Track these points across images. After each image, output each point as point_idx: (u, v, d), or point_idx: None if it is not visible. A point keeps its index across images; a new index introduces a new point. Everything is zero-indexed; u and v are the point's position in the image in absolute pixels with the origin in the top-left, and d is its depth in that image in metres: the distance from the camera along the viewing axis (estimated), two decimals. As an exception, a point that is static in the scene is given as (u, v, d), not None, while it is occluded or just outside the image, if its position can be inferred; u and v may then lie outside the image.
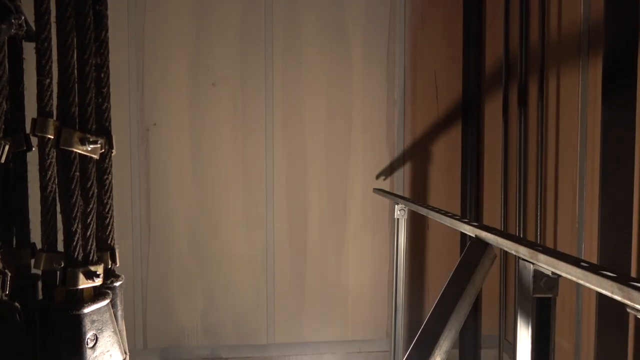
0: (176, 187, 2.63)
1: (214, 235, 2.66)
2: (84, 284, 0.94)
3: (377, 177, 2.75)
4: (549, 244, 2.13)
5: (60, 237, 1.00)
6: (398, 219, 2.21)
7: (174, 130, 2.61)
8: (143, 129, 2.58)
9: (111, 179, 1.13)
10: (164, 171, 2.61)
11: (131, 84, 2.56)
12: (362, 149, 2.74)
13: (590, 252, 1.85)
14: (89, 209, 0.98)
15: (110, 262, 1.11)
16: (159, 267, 2.62)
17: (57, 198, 1.02)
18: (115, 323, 1.00)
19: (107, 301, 0.98)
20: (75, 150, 0.95)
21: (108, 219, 1.12)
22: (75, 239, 0.96)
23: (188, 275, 2.65)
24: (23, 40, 1.15)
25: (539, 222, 2.16)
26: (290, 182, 2.71)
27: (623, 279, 0.66)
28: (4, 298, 1.02)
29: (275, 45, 2.66)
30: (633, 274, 1.61)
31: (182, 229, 2.64)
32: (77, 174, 0.96)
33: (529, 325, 0.89)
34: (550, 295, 0.87)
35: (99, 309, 0.95)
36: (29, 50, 1.10)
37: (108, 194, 1.12)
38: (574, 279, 0.76)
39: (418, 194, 2.78)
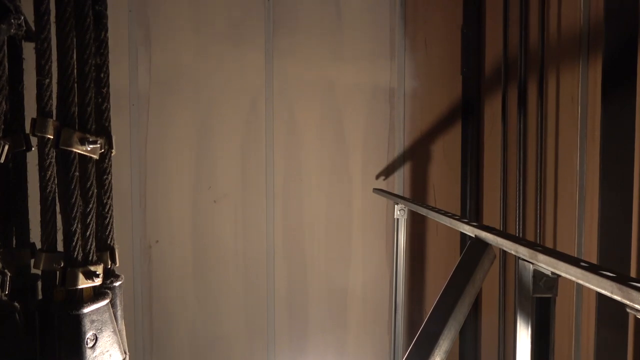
0: (179, 305, 2.63)
1: (216, 353, 2.68)
2: (83, 284, 0.94)
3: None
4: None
5: (60, 237, 1.00)
6: (398, 219, 2.21)
7: (176, 248, 2.61)
8: (145, 246, 2.59)
9: (111, 179, 1.12)
10: (167, 289, 2.62)
11: (134, 202, 2.57)
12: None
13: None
14: (88, 209, 0.98)
15: (109, 262, 1.11)
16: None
17: (57, 198, 1.01)
18: (114, 323, 1.00)
19: (106, 301, 0.97)
20: (74, 150, 0.95)
21: (107, 219, 1.12)
22: (75, 239, 0.95)
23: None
24: (23, 40, 1.15)
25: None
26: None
27: (623, 279, 0.66)
28: (4, 298, 1.02)
29: (276, 159, 2.68)
30: (633, 274, 1.61)
31: (185, 346, 2.64)
32: (77, 174, 0.96)
33: (528, 325, 0.89)
34: (549, 295, 0.87)
35: (99, 308, 0.95)
36: (29, 50, 1.10)
37: (107, 194, 1.11)
38: (573, 279, 0.76)
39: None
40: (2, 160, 0.95)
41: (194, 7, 2.57)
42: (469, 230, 1.25)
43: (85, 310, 0.92)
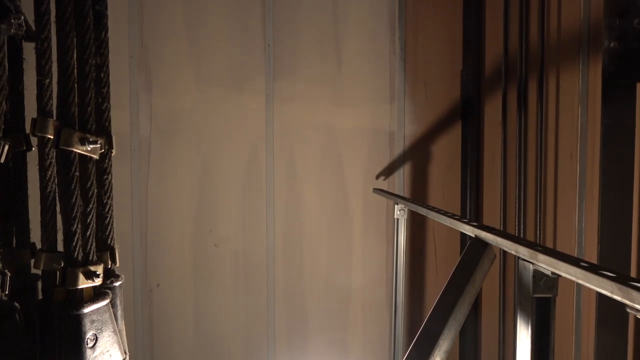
0: (180, 349, 2.64)
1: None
2: (83, 284, 0.94)
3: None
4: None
5: (60, 237, 1.00)
6: (398, 219, 2.21)
7: (177, 291, 2.62)
8: (147, 289, 2.59)
9: (111, 179, 1.12)
10: (168, 333, 2.63)
11: (135, 245, 2.58)
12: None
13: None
14: (88, 209, 0.98)
15: (110, 262, 1.11)
16: None
17: (57, 198, 1.01)
18: (115, 323, 1.00)
19: (106, 301, 0.97)
20: (75, 150, 0.95)
21: (108, 219, 1.12)
22: (75, 239, 0.95)
23: None
24: (23, 40, 1.15)
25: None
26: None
27: (623, 279, 0.66)
28: (4, 298, 1.02)
29: (276, 202, 2.69)
30: (633, 274, 1.61)
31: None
32: (77, 174, 0.96)
33: (528, 325, 0.89)
34: (549, 295, 0.87)
35: (99, 308, 0.95)
36: (29, 50, 1.10)
37: (108, 194, 1.11)
38: (573, 279, 0.76)
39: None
40: (2, 160, 0.95)
41: (194, 53, 2.59)
42: (469, 230, 1.25)
43: (86, 310, 0.92)
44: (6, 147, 0.97)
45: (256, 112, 2.65)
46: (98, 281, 0.97)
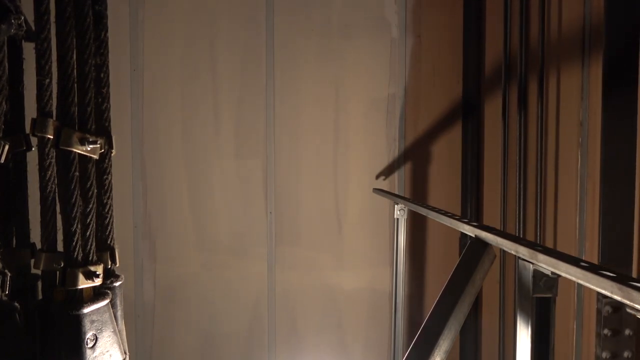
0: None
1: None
2: (83, 284, 0.94)
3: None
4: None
5: (60, 237, 1.00)
6: (398, 219, 2.21)
7: None
8: None
9: (111, 179, 1.12)
10: None
11: None
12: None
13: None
14: (88, 209, 0.98)
15: (109, 262, 1.11)
16: None
17: (57, 198, 1.01)
18: (115, 323, 1.00)
19: (106, 301, 0.97)
20: (74, 150, 0.95)
21: (107, 219, 1.12)
22: (75, 239, 0.95)
23: None
24: (23, 40, 1.15)
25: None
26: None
27: (623, 279, 0.66)
28: (4, 298, 1.02)
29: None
30: (633, 274, 1.61)
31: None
32: (77, 174, 0.96)
33: (528, 325, 0.89)
34: (549, 295, 0.87)
35: (99, 309, 0.95)
36: (29, 50, 1.10)
37: (107, 194, 1.11)
38: (573, 278, 0.76)
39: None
40: (2, 160, 0.95)
41: (197, 224, 2.66)
42: (469, 230, 1.25)
43: (85, 310, 0.92)
44: (6, 147, 0.97)
45: (258, 276, 2.72)
46: (98, 281, 0.97)
